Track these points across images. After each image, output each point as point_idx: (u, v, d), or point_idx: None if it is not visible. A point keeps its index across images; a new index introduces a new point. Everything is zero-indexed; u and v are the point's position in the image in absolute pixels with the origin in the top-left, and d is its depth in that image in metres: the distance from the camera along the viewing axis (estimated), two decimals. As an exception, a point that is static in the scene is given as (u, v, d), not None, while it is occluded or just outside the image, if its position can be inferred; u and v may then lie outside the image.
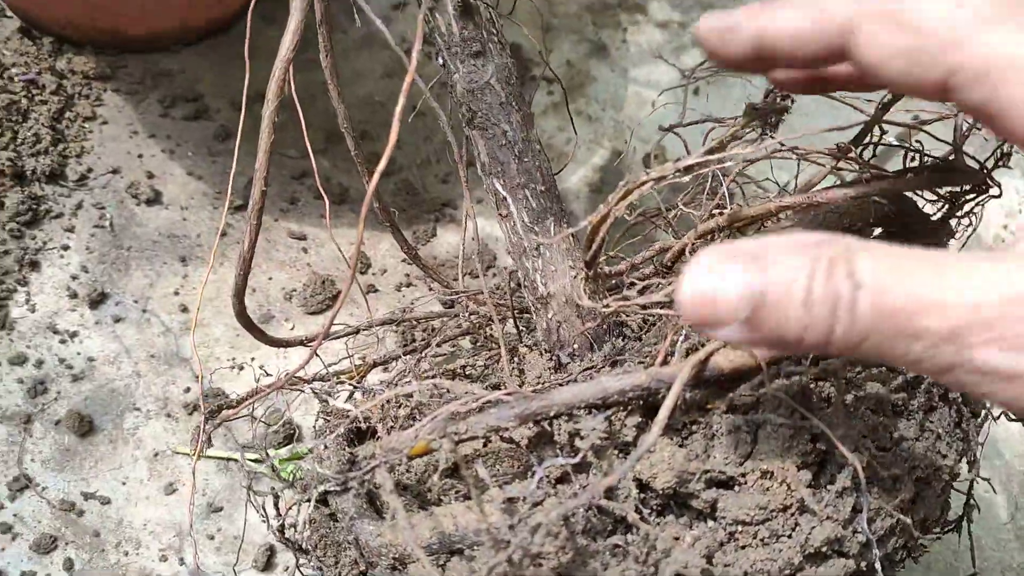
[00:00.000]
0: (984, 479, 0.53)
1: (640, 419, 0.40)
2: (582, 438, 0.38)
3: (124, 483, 0.66)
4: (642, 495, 0.40)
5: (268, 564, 0.64)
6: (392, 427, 0.51)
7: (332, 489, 0.41)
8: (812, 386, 0.40)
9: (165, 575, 0.63)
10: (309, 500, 0.41)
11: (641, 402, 0.39)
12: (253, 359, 0.73)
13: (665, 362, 0.41)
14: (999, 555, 0.73)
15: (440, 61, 0.52)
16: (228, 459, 0.68)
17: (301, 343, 0.56)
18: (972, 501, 0.55)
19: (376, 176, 0.34)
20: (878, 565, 0.38)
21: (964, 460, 0.48)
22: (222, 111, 0.84)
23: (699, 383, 0.39)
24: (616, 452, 0.40)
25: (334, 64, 0.57)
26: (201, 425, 0.53)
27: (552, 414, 0.39)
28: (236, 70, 0.87)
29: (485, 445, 0.44)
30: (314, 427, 0.57)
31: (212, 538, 0.65)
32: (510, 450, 0.44)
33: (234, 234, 0.78)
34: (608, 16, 1.03)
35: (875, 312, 0.28)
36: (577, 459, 0.37)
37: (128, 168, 0.80)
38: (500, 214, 0.54)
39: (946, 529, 0.57)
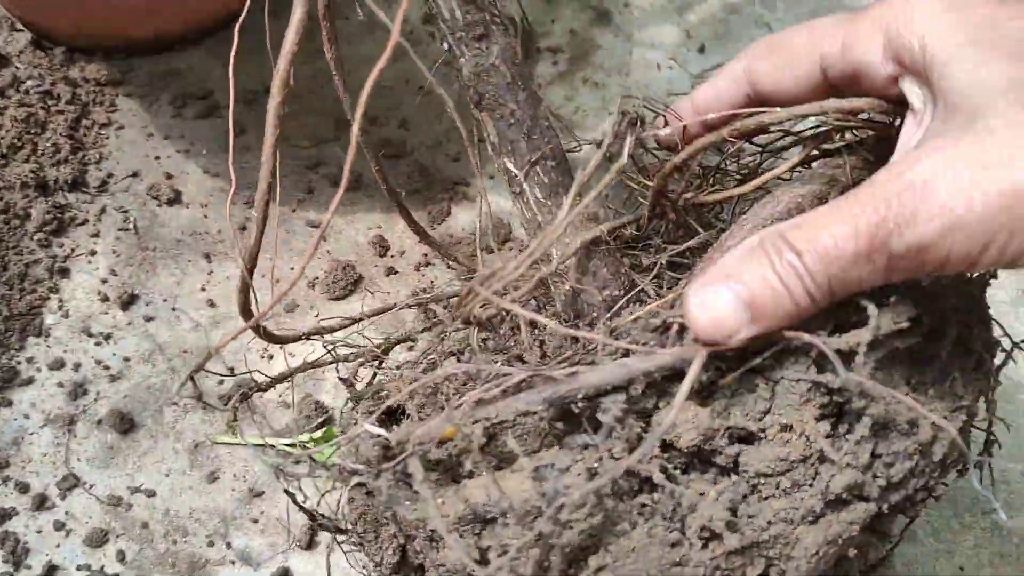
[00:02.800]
0: (1000, 418, 0.53)
1: (659, 388, 0.41)
2: (604, 412, 0.40)
3: (168, 475, 0.69)
4: (666, 454, 0.41)
5: (311, 543, 0.67)
6: (423, 405, 0.53)
7: (365, 481, 0.42)
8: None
9: (214, 559, 0.66)
10: (341, 490, 0.43)
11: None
12: (282, 348, 0.75)
13: (681, 332, 0.42)
14: (1026, 489, 0.74)
15: (445, 46, 0.53)
16: (262, 445, 0.70)
17: (299, 338, 0.58)
18: (992, 437, 0.56)
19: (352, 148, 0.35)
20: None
21: (982, 399, 0.49)
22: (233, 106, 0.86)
23: (720, 356, 0.40)
24: (636, 417, 0.41)
25: (339, 56, 0.58)
26: (233, 405, 0.55)
27: (580, 396, 0.40)
28: (244, 65, 0.88)
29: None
30: (341, 411, 0.59)
31: (256, 521, 0.68)
32: (535, 423, 0.45)
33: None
34: (608, -19, 1.03)
35: (819, 259, 0.36)
36: (601, 438, 0.38)
37: (147, 170, 0.81)
38: (513, 192, 0.55)
39: (969, 466, 0.58)
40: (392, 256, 0.81)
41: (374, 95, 0.38)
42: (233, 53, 0.51)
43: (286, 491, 0.52)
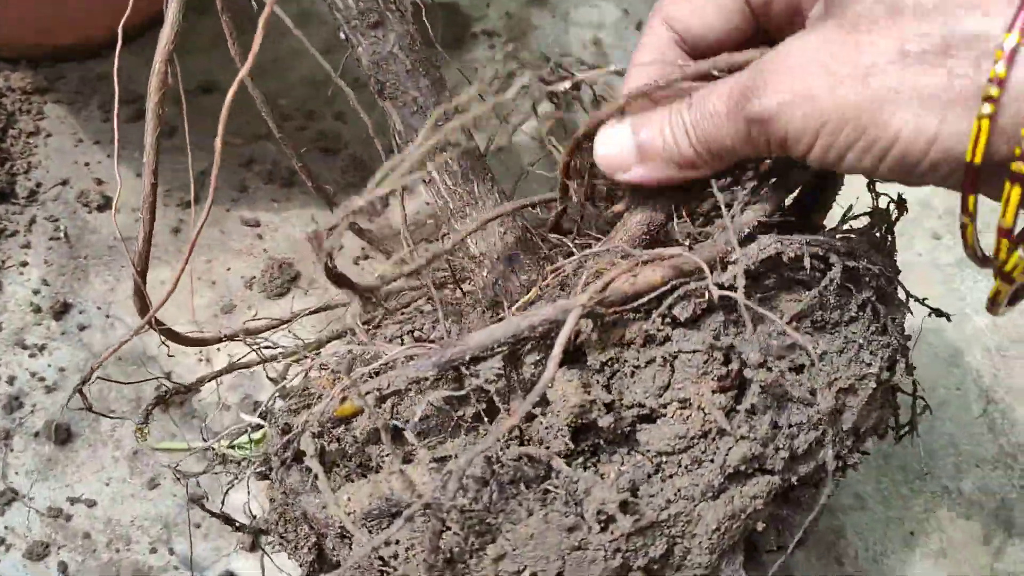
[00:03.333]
0: (910, 375, 0.52)
1: (540, 356, 0.41)
2: (476, 375, 0.39)
3: (108, 484, 0.68)
4: (573, 437, 0.41)
5: (254, 545, 0.66)
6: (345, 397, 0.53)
7: (260, 470, 0.42)
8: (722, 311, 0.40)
9: (157, 566, 0.65)
10: (237, 481, 0.43)
11: (549, 340, 0.40)
12: (219, 349, 0.74)
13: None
14: (972, 448, 0.74)
15: (343, 36, 0.52)
16: (201, 449, 0.70)
17: (219, 340, 0.58)
18: (923, 402, 0.56)
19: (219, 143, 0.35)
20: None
21: (900, 365, 0.48)
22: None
23: (604, 306, 0.40)
24: (523, 395, 0.41)
25: (240, 51, 0.57)
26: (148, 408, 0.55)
27: (468, 358, 0.39)
28: (173, 65, 0.87)
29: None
30: (265, 409, 0.58)
31: (199, 526, 0.67)
32: (444, 414, 0.45)
33: (187, 230, 0.79)
34: (543, -38, 1.02)
35: (700, 115, 0.39)
36: (462, 392, 0.38)
37: (76, 177, 0.80)
38: (423, 180, 0.55)
39: (901, 433, 0.58)
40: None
41: (306, 89, 0.37)
42: (117, 52, 0.50)
43: (193, 499, 0.51)
